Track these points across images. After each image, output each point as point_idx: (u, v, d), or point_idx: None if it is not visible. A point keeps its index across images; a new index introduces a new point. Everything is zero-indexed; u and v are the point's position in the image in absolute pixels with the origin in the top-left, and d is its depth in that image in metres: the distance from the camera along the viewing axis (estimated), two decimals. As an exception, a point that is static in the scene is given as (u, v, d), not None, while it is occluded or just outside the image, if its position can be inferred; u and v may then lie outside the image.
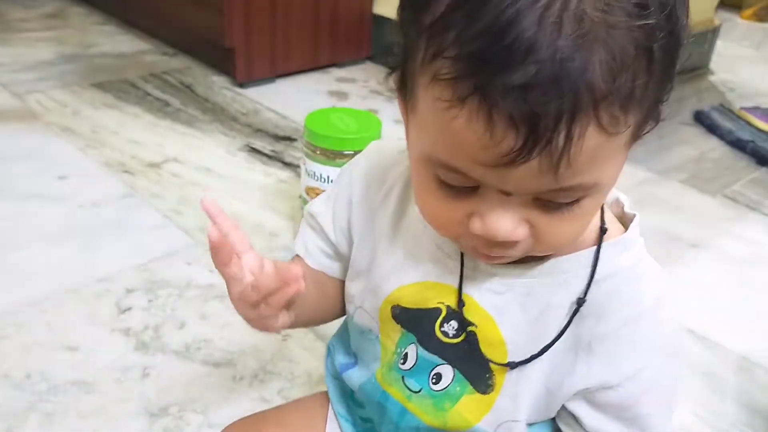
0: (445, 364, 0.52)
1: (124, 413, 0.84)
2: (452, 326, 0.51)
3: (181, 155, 1.47)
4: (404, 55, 0.41)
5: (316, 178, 1.11)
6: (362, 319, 0.57)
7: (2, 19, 2.21)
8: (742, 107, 1.91)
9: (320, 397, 0.66)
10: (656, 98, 0.38)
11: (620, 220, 0.51)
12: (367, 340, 0.57)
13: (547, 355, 0.48)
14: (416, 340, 0.53)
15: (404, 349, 0.53)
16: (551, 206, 0.40)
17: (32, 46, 2.02)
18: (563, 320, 0.48)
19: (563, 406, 0.51)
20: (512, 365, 0.49)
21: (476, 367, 0.51)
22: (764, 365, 1.01)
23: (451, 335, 0.51)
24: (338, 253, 0.59)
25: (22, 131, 1.52)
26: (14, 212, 1.23)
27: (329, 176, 1.09)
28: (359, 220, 0.56)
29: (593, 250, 0.48)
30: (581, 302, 0.47)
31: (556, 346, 0.48)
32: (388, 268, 0.54)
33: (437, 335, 0.51)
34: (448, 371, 0.52)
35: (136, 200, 1.30)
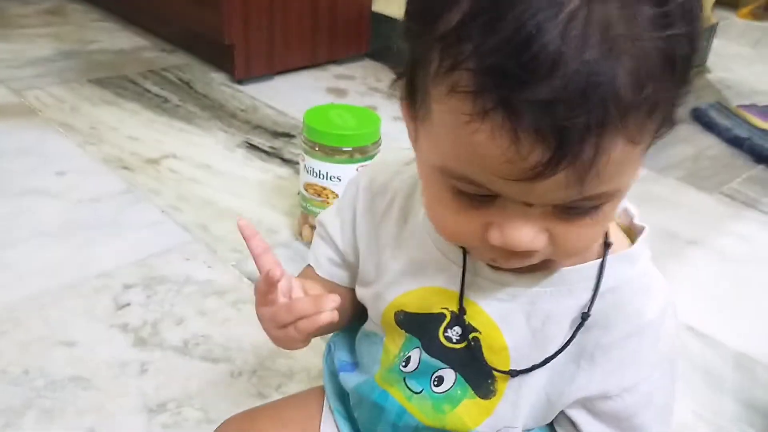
0: (447, 368, 0.52)
1: (122, 409, 0.84)
2: (456, 332, 0.51)
3: (179, 151, 1.47)
4: (412, 64, 0.40)
5: (314, 174, 1.11)
6: (369, 324, 0.58)
7: (1, 14, 2.21)
8: (738, 105, 1.91)
9: (316, 391, 0.66)
10: (675, 103, 0.38)
11: (627, 231, 0.51)
12: (371, 342, 0.57)
13: (549, 364, 0.49)
14: (420, 344, 0.53)
15: (407, 352, 0.53)
16: (572, 213, 0.39)
17: (31, 42, 2.01)
18: (567, 331, 0.48)
19: (562, 411, 0.51)
20: (514, 373, 0.49)
21: (478, 372, 0.51)
22: (763, 362, 1.01)
23: (454, 340, 0.51)
24: (347, 261, 0.59)
25: (20, 127, 1.52)
26: (12, 208, 1.23)
27: (328, 173, 1.09)
28: (364, 231, 0.57)
29: (599, 262, 0.48)
30: (586, 317, 0.47)
31: (558, 357, 0.48)
32: (392, 275, 0.54)
33: (440, 340, 0.52)
34: (449, 375, 0.52)
35: (134, 196, 1.30)
